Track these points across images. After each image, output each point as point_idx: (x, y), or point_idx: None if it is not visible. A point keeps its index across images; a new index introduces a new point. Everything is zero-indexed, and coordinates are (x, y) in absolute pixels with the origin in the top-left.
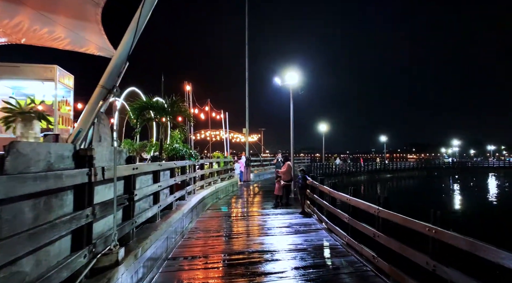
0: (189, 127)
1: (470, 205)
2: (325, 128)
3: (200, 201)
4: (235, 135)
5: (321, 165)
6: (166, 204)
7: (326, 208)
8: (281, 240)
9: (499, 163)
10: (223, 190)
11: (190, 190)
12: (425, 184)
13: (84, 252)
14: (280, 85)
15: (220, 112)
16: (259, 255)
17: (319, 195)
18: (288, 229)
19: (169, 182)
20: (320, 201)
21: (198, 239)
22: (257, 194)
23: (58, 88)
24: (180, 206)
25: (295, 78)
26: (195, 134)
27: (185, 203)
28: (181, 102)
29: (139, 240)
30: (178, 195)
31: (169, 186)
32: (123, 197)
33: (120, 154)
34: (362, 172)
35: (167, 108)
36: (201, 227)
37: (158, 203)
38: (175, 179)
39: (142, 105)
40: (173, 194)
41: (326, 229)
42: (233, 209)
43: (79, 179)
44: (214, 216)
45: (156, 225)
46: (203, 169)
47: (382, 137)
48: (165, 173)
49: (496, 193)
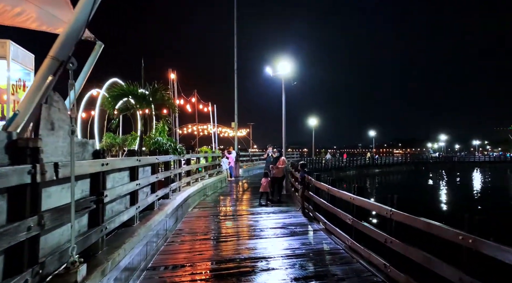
0: (174, 119)
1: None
2: (315, 122)
3: (186, 199)
4: (223, 129)
5: (310, 160)
6: (147, 204)
7: (324, 207)
8: (276, 243)
9: (484, 157)
10: (211, 186)
11: (175, 187)
12: (415, 178)
13: (24, 277)
14: (272, 76)
15: (208, 105)
16: (252, 262)
17: (315, 192)
18: (283, 230)
19: (150, 179)
20: (316, 199)
21: (183, 243)
22: (247, 191)
23: (14, 69)
24: (164, 206)
25: (288, 68)
26: (182, 128)
27: (169, 202)
28: (164, 90)
29: (111, 249)
30: (161, 194)
31: (150, 184)
32: (88, 199)
33: (84, 146)
34: (351, 166)
35: (148, 97)
36: (187, 229)
37: (136, 203)
38: (157, 175)
39: (120, 93)
40: (155, 192)
41: (324, 230)
42: (221, 207)
43: (15, 180)
44: (201, 215)
45: (133, 230)
46: (189, 164)
47: (371, 132)
48: (145, 169)
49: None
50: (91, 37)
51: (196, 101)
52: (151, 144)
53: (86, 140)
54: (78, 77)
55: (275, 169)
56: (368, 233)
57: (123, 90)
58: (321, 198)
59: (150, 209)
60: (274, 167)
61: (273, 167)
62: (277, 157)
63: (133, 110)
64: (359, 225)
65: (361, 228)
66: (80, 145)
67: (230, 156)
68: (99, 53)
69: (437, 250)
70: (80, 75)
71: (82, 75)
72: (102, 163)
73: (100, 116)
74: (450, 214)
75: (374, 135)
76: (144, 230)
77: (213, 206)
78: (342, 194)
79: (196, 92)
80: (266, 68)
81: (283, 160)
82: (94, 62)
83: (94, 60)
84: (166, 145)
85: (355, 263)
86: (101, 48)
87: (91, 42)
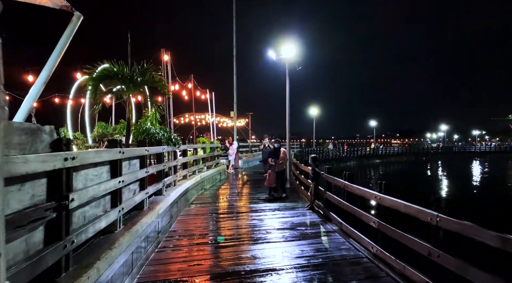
0: (168, 106)
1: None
2: (316, 112)
3: (182, 194)
4: (221, 119)
5: (311, 151)
6: (134, 204)
7: (340, 206)
8: (286, 249)
9: (485, 147)
10: (210, 179)
11: (169, 182)
12: (420, 169)
13: None
14: (275, 60)
15: (205, 92)
16: (258, 276)
17: (326, 187)
18: (292, 231)
19: (138, 174)
20: (329, 196)
21: (178, 249)
22: (248, 183)
23: None
24: (156, 204)
25: (292, 52)
26: (178, 118)
27: (162, 199)
28: (155, 70)
29: (79, 270)
30: (153, 190)
31: (138, 180)
32: (42, 207)
33: (34, 135)
34: (351, 157)
35: (136, 78)
36: (182, 229)
37: (119, 205)
38: (148, 169)
39: (104, 74)
40: (144, 189)
41: (339, 231)
42: (221, 202)
43: None
44: (198, 213)
45: (114, 238)
46: (186, 156)
47: (372, 122)
48: (132, 162)
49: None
50: (68, 7)
51: (193, 87)
52: (140, 133)
53: (39, 126)
54: (54, 52)
55: (276, 162)
56: (404, 241)
57: (106, 71)
58: (334, 194)
59: (139, 209)
60: (275, 161)
61: (275, 161)
62: (277, 149)
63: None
64: (388, 230)
65: (391, 234)
66: (27, 132)
67: (232, 146)
68: (77, 25)
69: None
70: (56, 50)
71: (58, 49)
72: (66, 156)
73: (90, 104)
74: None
75: (375, 125)
76: (129, 237)
77: (212, 202)
78: (365, 192)
79: (192, 77)
80: (269, 51)
81: (283, 152)
82: (71, 35)
83: (71, 33)
84: (159, 134)
85: (385, 276)
86: (79, 20)
87: (68, 13)
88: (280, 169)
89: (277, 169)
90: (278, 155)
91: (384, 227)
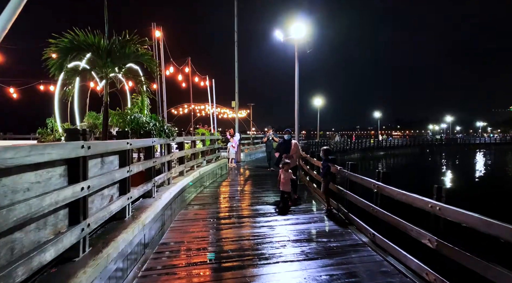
0: (160, 90)
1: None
2: (320, 103)
3: (178, 194)
4: (221, 110)
5: (315, 143)
6: (110, 215)
7: (372, 212)
8: (310, 273)
9: (490, 139)
10: (210, 174)
11: (162, 181)
12: (427, 161)
13: None
14: (282, 41)
15: (205, 78)
16: None
17: (349, 187)
18: (311, 244)
19: (115, 174)
20: (352, 197)
21: (167, 273)
22: (252, 179)
23: None
24: (142, 210)
25: (303, 31)
26: (177, 109)
27: (152, 203)
28: (140, 43)
29: None
30: (138, 193)
31: (116, 182)
32: None
33: None
34: (356, 149)
35: (115, 50)
36: (176, 242)
37: (82, 221)
38: (131, 168)
39: (73, 46)
40: (126, 193)
41: (372, 244)
42: (223, 203)
43: None
44: (196, 217)
45: (71, 272)
46: (182, 149)
47: (376, 114)
48: (107, 160)
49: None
50: None
51: (191, 72)
52: (127, 123)
53: None
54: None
55: (288, 158)
56: (477, 269)
57: (77, 42)
58: (360, 198)
59: (119, 218)
60: (286, 157)
61: (286, 156)
62: (288, 141)
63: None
64: (453, 253)
65: (460, 259)
66: None
67: (234, 138)
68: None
69: None
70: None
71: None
72: None
73: (80, 92)
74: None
75: (380, 117)
76: (94, 269)
77: (212, 202)
78: (414, 198)
79: (190, 60)
80: (276, 32)
81: (295, 145)
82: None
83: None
84: (149, 124)
85: None
86: None
87: None
88: (292, 165)
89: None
90: (289, 149)
91: (449, 249)
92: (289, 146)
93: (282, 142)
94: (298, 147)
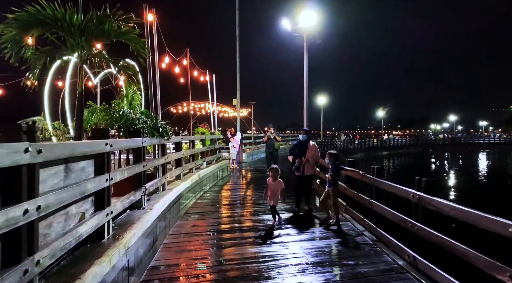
0: (150, 76)
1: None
2: (324, 101)
3: (174, 202)
4: (222, 108)
5: (320, 143)
6: (76, 243)
7: (412, 230)
8: None
9: (494, 139)
10: (210, 177)
11: (155, 187)
12: (437, 162)
13: None
14: (290, 31)
15: (205, 73)
16: None
17: (375, 196)
18: (338, 270)
19: (86, 186)
20: (385, 211)
21: None
22: (256, 182)
23: None
24: (126, 228)
25: (313, 20)
26: (176, 107)
27: (141, 216)
28: (124, 20)
29: None
30: (123, 206)
31: (87, 196)
32: None
33: None
34: (359, 149)
35: (91, 26)
36: (169, 265)
37: (25, 259)
38: (110, 175)
39: (33, 19)
40: (105, 208)
41: (412, 268)
42: (225, 212)
43: None
44: (195, 230)
45: None
46: (180, 150)
47: (379, 113)
48: (76, 167)
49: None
50: None
51: (189, 64)
52: (115, 120)
53: None
54: None
55: (303, 162)
56: None
57: (42, 16)
58: (395, 212)
59: (94, 241)
60: (301, 161)
61: (301, 161)
62: (304, 143)
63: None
64: None
65: None
66: None
67: (235, 138)
68: None
69: None
70: None
71: None
72: None
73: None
74: None
75: (382, 116)
76: None
77: (212, 211)
78: (485, 218)
79: (188, 51)
80: (283, 21)
81: (313, 147)
82: None
83: None
84: (139, 121)
85: None
86: None
87: None
88: (309, 174)
89: (305, 172)
90: (305, 152)
91: None
92: (305, 148)
93: (298, 143)
94: (317, 149)
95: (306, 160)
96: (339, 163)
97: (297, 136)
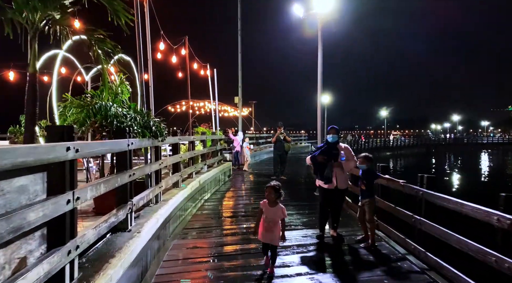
0: (139, 61)
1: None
2: (327, 100)
3: (170, 217)
4: (222, 107)
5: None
6: None
7: (493, 265)
8: None
9: (497, 139)
10: (212, 182)
11: (146, 200)
12: (445, 163)
13: None
14: (302, 17)
15: (205, 67)
16: None
17: (425, 213)
18: None
19: (26, 216)
20: (444, 234)
21: None
22: (263, 188)
23: None
24: (103, 263)
25: (329, 4)
26: (174, 106)
27: (124, 243)
28: None
29: None
30: (97, 234)
31: (31, 230)
32: None
33: None
34: (362, 149)
35: None
36: None
37: None
38: (75, 194)
39: None
40: (65, 242)
41: None
42: (230, 226)
43: None
44: (195, 254)
45: None
46: (177, 152)
47: (382, 113)
48: (6, 187)
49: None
50: None
51: (188, 55)
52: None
53: None
54: None
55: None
56: None
57: None
58: (468, 240)
59: None
60: (335, 166)
61: (337, 166)
62: (332, 145)
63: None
64: None
65: None
66: None
67: (236, 138)
68: None
69: None
70: None
71: None
72: None
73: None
74: None
75: (386, 116)
76: None
77: (216, 224)
78: None
79: (187, 40)
80: (294, 6)
81: (346, 150)
82: None
83: None
84: (127, 117)
85: None
86: None
87: None
88: (343, 187)
89: (338, 185)
90: (335, 157)
91: None
92: (335, 153)
93: (324, 147)
94: (352, 154)
95: (337, 163)
96: (382, 167)
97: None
